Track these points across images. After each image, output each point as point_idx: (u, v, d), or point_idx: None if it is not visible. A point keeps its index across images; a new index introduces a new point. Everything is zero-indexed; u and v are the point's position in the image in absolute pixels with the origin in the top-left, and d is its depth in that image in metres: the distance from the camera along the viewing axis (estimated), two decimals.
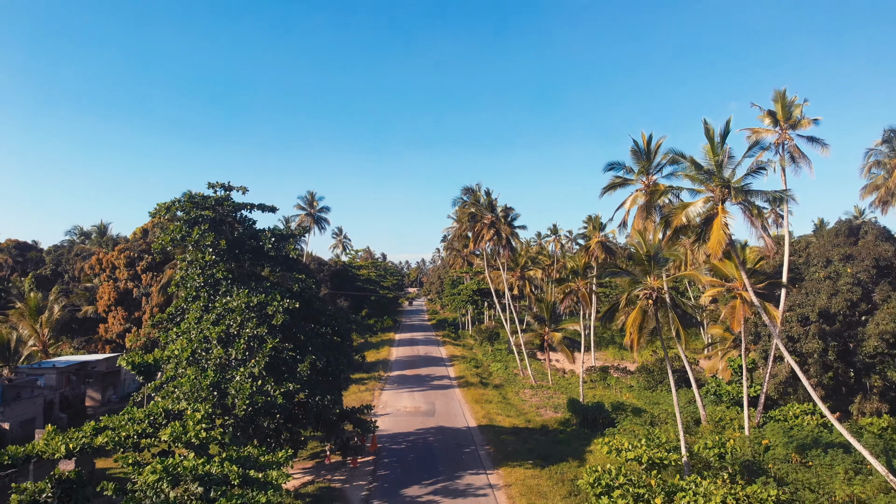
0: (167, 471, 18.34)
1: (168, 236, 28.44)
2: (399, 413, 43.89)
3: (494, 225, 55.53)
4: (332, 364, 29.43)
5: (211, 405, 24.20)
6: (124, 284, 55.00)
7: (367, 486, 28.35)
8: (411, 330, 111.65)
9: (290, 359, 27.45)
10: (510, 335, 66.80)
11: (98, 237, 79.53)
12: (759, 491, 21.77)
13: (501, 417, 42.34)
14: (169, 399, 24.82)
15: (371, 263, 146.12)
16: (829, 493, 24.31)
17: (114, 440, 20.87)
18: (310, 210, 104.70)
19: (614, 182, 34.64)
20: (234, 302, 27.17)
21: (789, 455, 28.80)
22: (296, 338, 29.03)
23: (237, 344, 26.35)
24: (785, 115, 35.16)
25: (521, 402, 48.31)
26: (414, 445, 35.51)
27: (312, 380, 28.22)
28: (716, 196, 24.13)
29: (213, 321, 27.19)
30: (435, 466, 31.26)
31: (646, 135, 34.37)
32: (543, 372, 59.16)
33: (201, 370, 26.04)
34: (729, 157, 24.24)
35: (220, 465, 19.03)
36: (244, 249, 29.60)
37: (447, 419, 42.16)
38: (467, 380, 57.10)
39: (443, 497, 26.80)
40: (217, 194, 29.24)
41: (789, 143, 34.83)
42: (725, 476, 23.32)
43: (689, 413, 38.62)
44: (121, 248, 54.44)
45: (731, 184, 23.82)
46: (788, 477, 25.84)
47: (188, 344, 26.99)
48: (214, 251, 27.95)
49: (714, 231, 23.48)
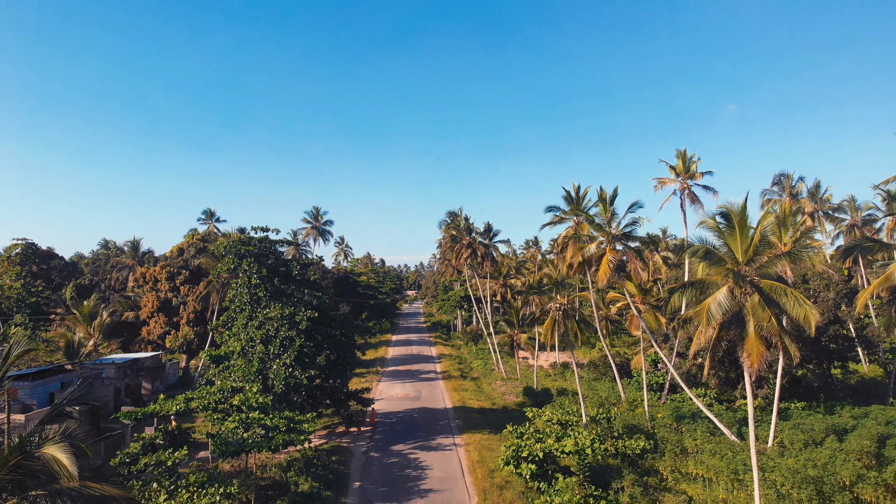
0: (242, 421, 29.58)
1: (225, 266, 39.60)
2: (392, 398, 55.02)
3: (471, 245, 66.75)
4: (340, 357, 40.64)
5: (258, 385, 35.38)
6: (165, 294, 66.11)
7: (366, 445, 39.49)
8: (407, 332, 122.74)
9: (311, 353, 38.63)
10: (488, 336, 77.98)
11: (131, 252, 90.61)
12: (631, 443, 33.09)
13: (473, 401, 53.47)
14: (228, 381, 35.98)
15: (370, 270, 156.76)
16: (683, 445, 35.43)
17: (202, 404, 32.02)
18: (315, 223, 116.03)
19: (553, 220, 45.83)
20: (271, 313, 38.33)
21: (670, 423, 39.91)
22: (315, 338, 40.18)
23: (274, 343, 37.54)
24: (684, 169, 46.33)
25: (492, 391, 59.44)
26: (402, 420, 46.66)
27: (327, 368, 39.39)
28: (605, 241, 35.20)
29: (256, 326, 38.38)
30: (416, 433, 42.41)
31: (575, 185, 45.65)
32: (514, 367, 70.32)
33: (248, 361, 37.26)
34: (613, 214, 35.36)
35: (272, 420, 30.20)
36: (277, 274, 40.78)
37: (430, 402, 53.28)
38: (450, 373, 68.27)
39: (420, 451, 37.96)
40: (258, 235, 40.44)
41: (687, 190, 46.02)
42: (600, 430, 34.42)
43: (616, 395, 49.74)
44: (162, 264, 65.51)
45: (613, 233, 34.92)
46: (659, 435, 36.95)
47: (239, 343, 38.18)
48: (258, 276, 39.11)
49: (602, 266, 34.56)
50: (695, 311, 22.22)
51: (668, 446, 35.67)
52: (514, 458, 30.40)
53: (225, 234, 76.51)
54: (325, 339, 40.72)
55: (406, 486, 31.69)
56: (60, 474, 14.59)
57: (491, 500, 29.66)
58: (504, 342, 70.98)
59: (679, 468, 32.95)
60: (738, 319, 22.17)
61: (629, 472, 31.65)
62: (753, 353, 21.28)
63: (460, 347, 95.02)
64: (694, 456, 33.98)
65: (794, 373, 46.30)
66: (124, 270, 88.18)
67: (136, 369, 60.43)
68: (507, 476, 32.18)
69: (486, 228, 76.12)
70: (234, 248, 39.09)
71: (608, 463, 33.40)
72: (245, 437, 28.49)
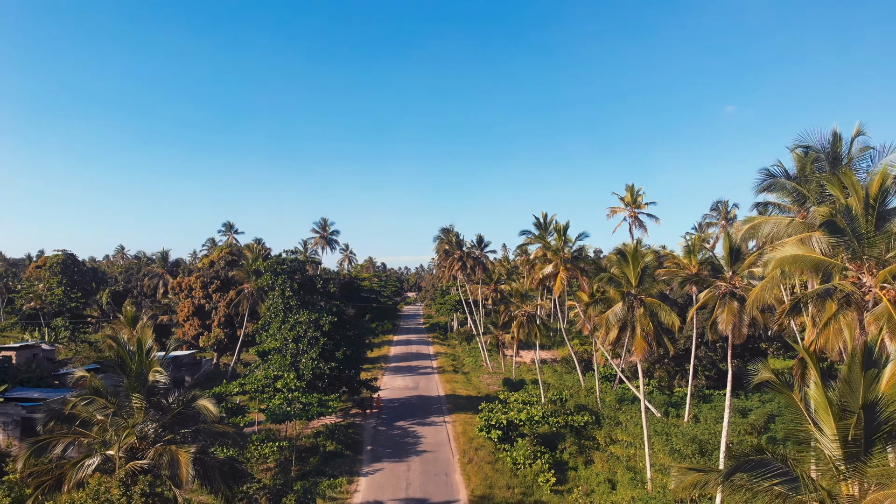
0: (286, 398, 40.39)
1: (264, 281, 50.36)
2: (394, 388, 65.76)
3: (461, 258, 77.47)
4: (354, 353, 51.37)
5: (293, 374, 46.12)
6: (198, 301, 76.86)
7: (374, 422, 50.23)
8: (407, 332, 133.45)
9: (331, 349, 49.34)
10: (477, 336, 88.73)
11: (160, 261, 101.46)
12: (577, 417, 43.88)
13: (462, 390, 64.20)
14: (270, 370, 46.70)
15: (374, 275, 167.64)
16: (619, 420, 46.17)
17: (253, 387, 42.76)
18: (323, 233, 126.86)
19: (526, 241, 56.60)
20: (300, 318, 49.05)
21: (614, 405, 50.66)
22: (334, 337, 50.87)
23: (303, 341, 48.27)
24: (632, 200, 57.12)
25: (479, 382, 70.18)
26: (403, 404, 57.39)
27: (344, 361, 50.09)
28: (557, 263, 45.90)
29: (289, 328, 49.11)
30: (414, 414, 53.14)
31: (544, 213, 56.41)
32: (500, 363, 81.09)
33: (283, 356, 48.02)
34: (566, 241, 46.05)
35: (306, 398, 40.98)
36: (304, 287, 51.52)
37: (426, 392, 64.01)
38: (444, 368, 79.01)
39: (417, 426, 48.69)
40: (290, 257, 51.21)
41: (634, 217, 56.82)
42: (553, 408, 45.11)
43: (578, 384, 60.44)
44: (197, 275, 76.25)
45: (565, 257, 45.63)
46: (602, 413, 47.69)
47: (276, 341, 48.92)
48: (290, 289, 49.83)
49: (557, 283, 45.23)
50: (601, 318, 32.89)
51: (606, 421, 46.48)
52: (486, 426, 41.15)
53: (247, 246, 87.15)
54: (342, 338, 51.42)
55: (406, 449, 42.45)
56: (206, 418, 25.38)
57: (468, 456, 40.38)
58: (492, 342, 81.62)
59: (611, 436, 43.76)
60: (630, 325, 32.82)
61: (572, 438, 42.40)
62: (638, 349, 31.98)
63: (455, 346, 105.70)
64: (623, 427, 44.82)
65: (720, 367, 57.00)
66: (155, 278, 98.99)
67: (178, 364, 71.14)
68: (481, 442, 42.91)
69: (478, 240, 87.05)
70: (271, 267, 49.83)
71: (559, 432, 44.11)
72: (289, 410, 39.28)
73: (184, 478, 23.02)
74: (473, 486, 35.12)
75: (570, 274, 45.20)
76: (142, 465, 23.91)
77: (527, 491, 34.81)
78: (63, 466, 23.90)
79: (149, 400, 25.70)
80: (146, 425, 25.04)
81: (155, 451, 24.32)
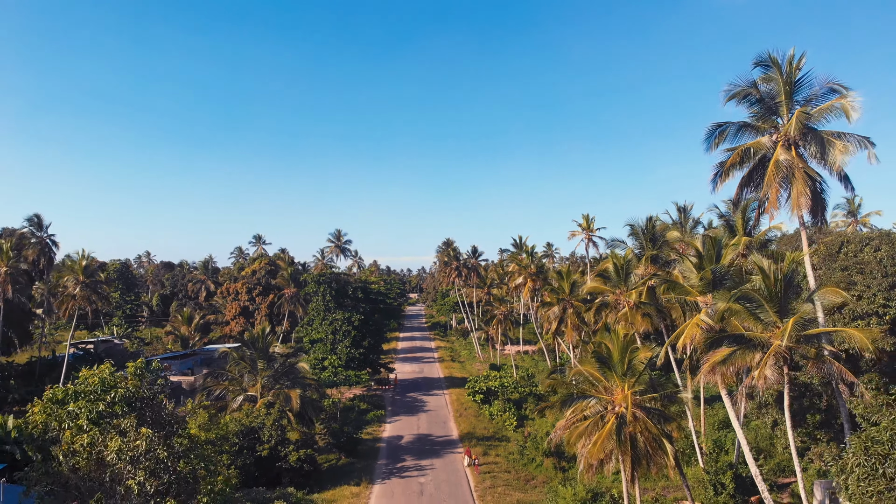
0: (334, 370, 58.07)
1: (310, 289, 67.89)
2: (404, 372, 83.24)
3: (458, 268, 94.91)
4: (375, 342, 68.87)
5: (334, 357, 63.57)
6: (243, 303, 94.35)
7: (392, 394, 67.66)
8: (411, 330, 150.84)
9: (359, 339, 66.79)
10: (472, 333, 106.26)
11: (202, 268, 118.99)
12: (539, 388, 61.42)
13: (457, 374, 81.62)
14: (316, 354, 64.15)
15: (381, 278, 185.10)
16: None
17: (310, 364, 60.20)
18: (337, 243, 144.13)
19: (508, 258, 73.94)
20: (337, 316, 66.45)
21: None
22: (361, 330, 68.33)
23: (339, 334, 65.77)
24: (587, 226, 74.47)
25: (471, 368, 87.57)
26: (412, 383, 74.82)
27: (369, 348, 67.53)
28: (526, 276, 63.16)
29: (328, 324, 66.56)
30: (420, 388, 70.63)
31: (520, 235, 73.77)
32: (489, 354, 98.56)
33: (324, 344, 65.56)
34: (533, 259, 63.28)
35: (346, 373, 58.56)
36: (339, 293, 68.99)
37: (429, 374, 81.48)
38: (444, 358, 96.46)
39: (423, 396, 66.17)
40: (328, 271, 68.66)
41: (588, 240, 74.22)
42: (522, 381, 62.41)
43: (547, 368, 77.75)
44: (242, 282, 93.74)
45: (531, 272, 62.87)
46: None
47: (319, 334, 66.41)
48: (329, 295, 67.25)
49: (524, 291, 62.50)
50: (544, 316, 50.27)
51: None
52: (472, 391, 58.53)
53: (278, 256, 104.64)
54: (368, 331, 68.81)
55: (416, 408, 59.90)
56: (300, 372, 43.04)
57: (459, 412, 57.79)
58: (484, 337, 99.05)
59: None
60: (563, 320, 50.11)
61: (533, 401, 59.73)
62: (568, 336, 49.28)
63: (453, 342, 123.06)
64: None
65: None
66: (198, 284, 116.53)
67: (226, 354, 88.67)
68: (469, 404, 60.27)
69: (473, 251, 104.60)
70: (316, 279, 67.25)
71: (524, 397, 61.32)
72: (335, 380, 56.78)
73: (295, 406, 40.68)
74: (462, 428, 52.58)
75: (535, 283, 62.54)
76: (269, 399, 41.48)
77: (496, 432, 52.24)
78: (224, 398, 41.65)
79: (268, 363, 43.36)
80: (268, 378, 42.73)
81: (273, 393, 42.02)
